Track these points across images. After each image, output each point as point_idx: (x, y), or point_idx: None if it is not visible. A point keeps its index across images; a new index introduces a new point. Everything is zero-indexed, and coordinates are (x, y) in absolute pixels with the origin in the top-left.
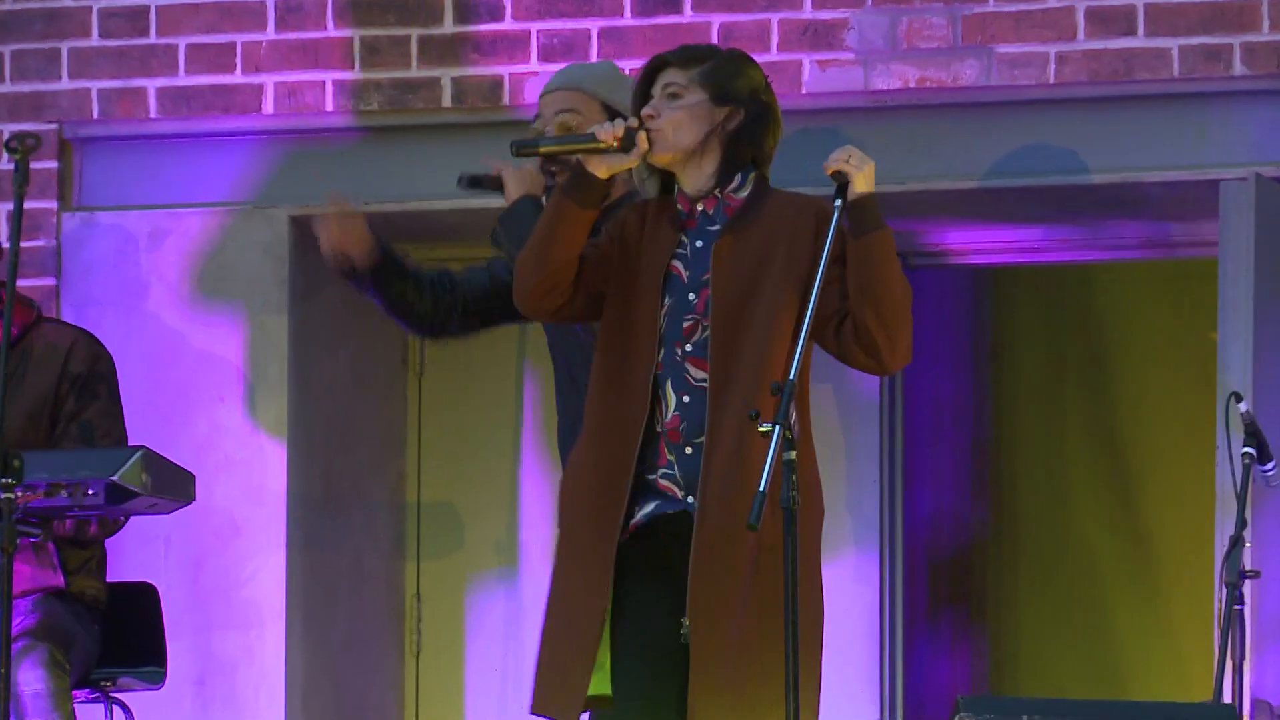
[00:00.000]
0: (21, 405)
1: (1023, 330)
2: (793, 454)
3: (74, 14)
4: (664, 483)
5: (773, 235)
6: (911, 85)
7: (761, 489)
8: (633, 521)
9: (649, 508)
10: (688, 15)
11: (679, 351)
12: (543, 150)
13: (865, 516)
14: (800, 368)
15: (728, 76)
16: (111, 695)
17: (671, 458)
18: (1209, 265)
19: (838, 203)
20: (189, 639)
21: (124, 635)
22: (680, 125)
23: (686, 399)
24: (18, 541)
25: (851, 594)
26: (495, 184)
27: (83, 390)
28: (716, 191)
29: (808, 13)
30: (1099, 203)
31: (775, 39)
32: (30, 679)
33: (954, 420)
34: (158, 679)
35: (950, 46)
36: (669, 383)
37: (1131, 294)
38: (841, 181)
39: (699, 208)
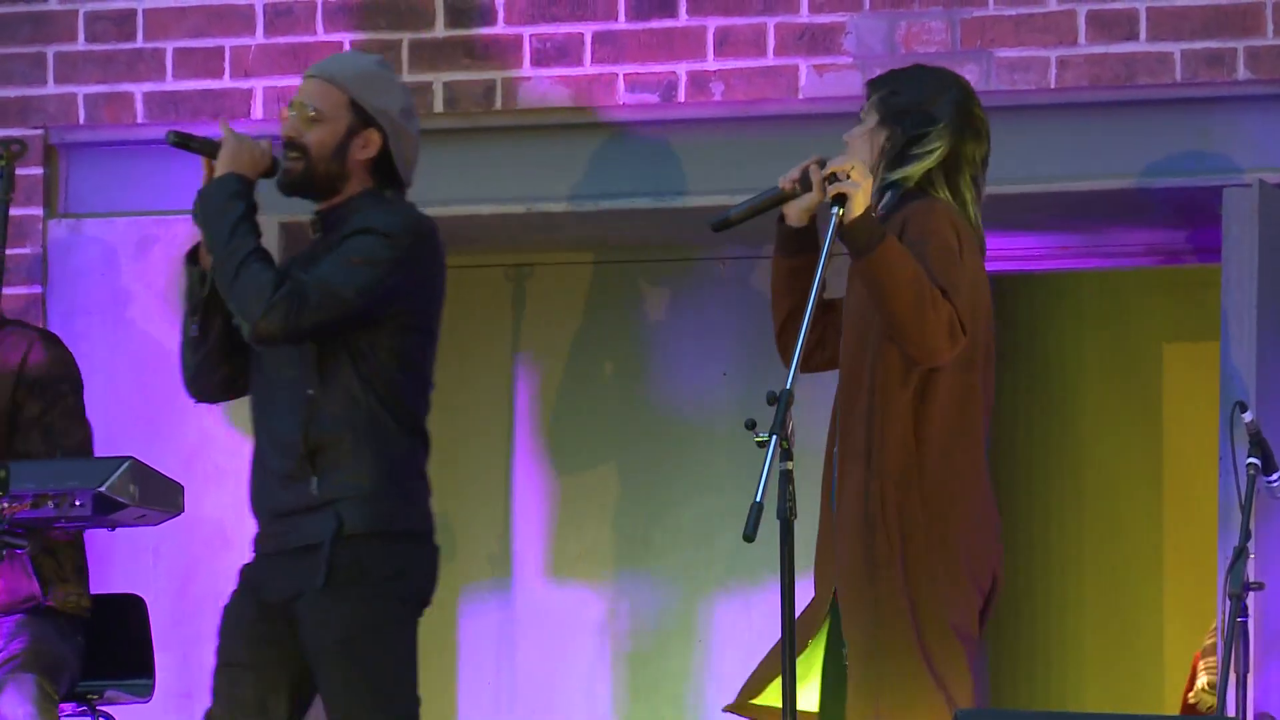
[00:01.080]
0: None
1: (1024, 339)
2: (789, 464)
3: (60, 18)
4: None
5: None
6: None
7: (757, 500)
8: None
9: None
10: (683, 19)
11: None
12: (735, 219)
13: None
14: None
15: (894, 96)
16: (98, 708)
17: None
18: (1213, 272)
19: (835, 211)
20: (177, 652)
21: (111, 647)
22: (851, 150)
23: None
24: (2, 553)
25: None
26: (207, 148)
27: (44, 393)
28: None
29: (805, 17)
30: (1101, 209)
31: (772, 43)
32: (18, 715)
33: None
34: (145, 692)
35: (949, 51)
36: None
37: (1135, 302)
38: (839, 198)
39: None
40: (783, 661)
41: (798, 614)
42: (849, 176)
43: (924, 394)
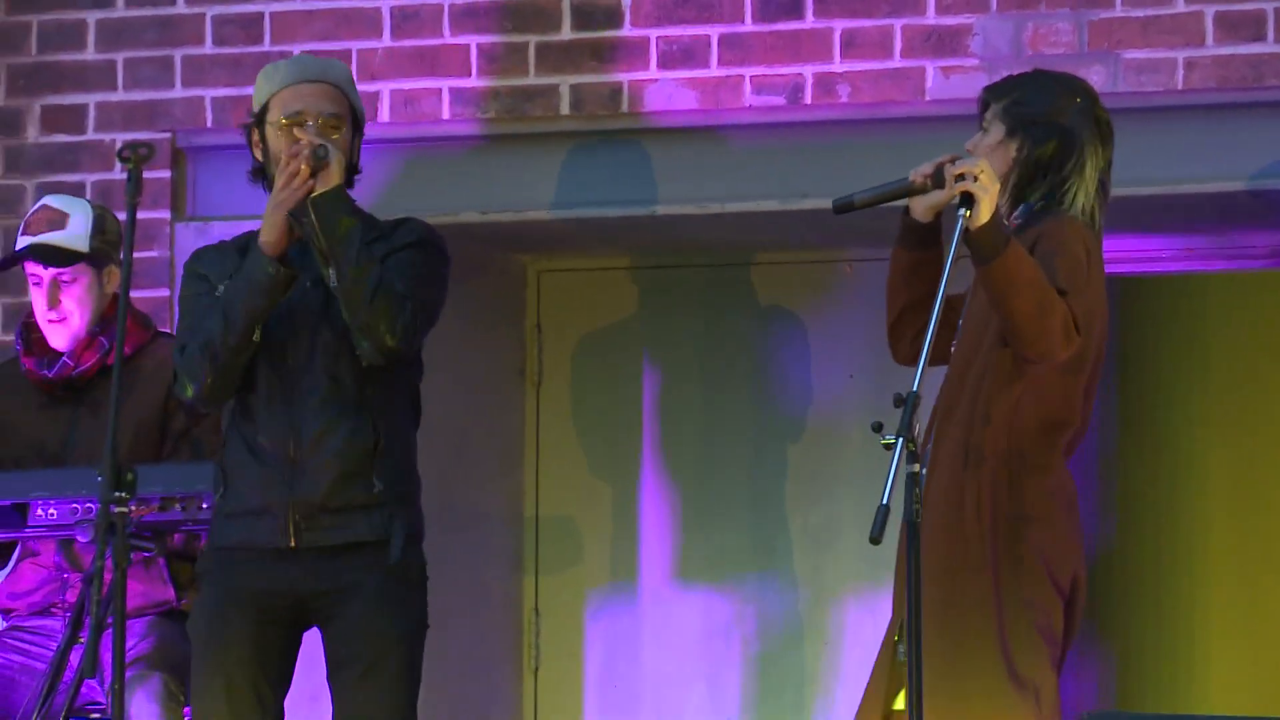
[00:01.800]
0: (129, 422)
1: (1149, 341)
2: (915, 467)
3: (187, 21)
4: None
5: None
6: None
7: (883, 502)
8: None
9: None
10: (809, 21)
11: None
12: (859, 204)
13: None
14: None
15: (1019, 106)
16: None
17: None
18: None
19: (961, 213)
20: (299, 656)
21: None
22: (984, 158)
23: None
24: (130, 557)
25: None
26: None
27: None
28: (1005, 224)
29: (931, 19)
30: (1227, 211)
31: (899, 45)
32: (144, 713)
33: None
34: None
35: (1076, 52)
36: None
37: (1261, 304)
38: (966, 199)
39: None
40: (909, 663)
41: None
42: (978, 179)
43: (1025, 399)
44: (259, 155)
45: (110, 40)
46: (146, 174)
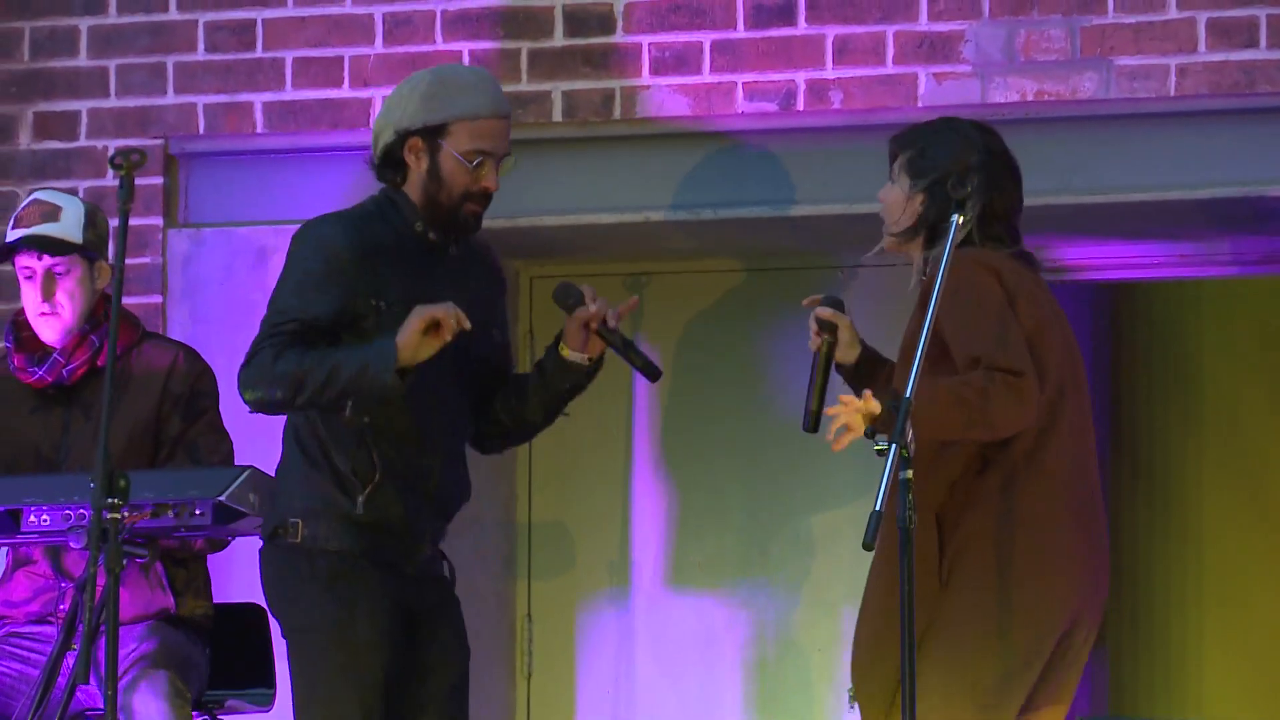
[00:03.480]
0: (122, 428)
1: (1141, 347)
2: (909, 473)
3: (180, 28)
4: None
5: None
6: (1029, 98)
7: (877, 508)
8: None
9: None
10: (802, 28)
11: None
12: (816, 410)
13: None
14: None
15: (922, 159)
16: (219, 718)
17: None
18: None
19: (955, 219)
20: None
21: (232, 657)
22: (889, 213)
23: None
24: (124, 562)
25: None
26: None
27: (187, 410)
28: (923, 275)
29: (924, 25)
30: (1220, 218)
31: (891, 51)
32: (151, 710)
33: None
34: (266, 701)
35: (1069, 59)
36: None
37: (1253, 310)
38: (959, 206)
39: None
40: (902, 669)
41: None
42: (834, 331)
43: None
44: (415, 160)
45: (102, 47)
46: (138, 180)
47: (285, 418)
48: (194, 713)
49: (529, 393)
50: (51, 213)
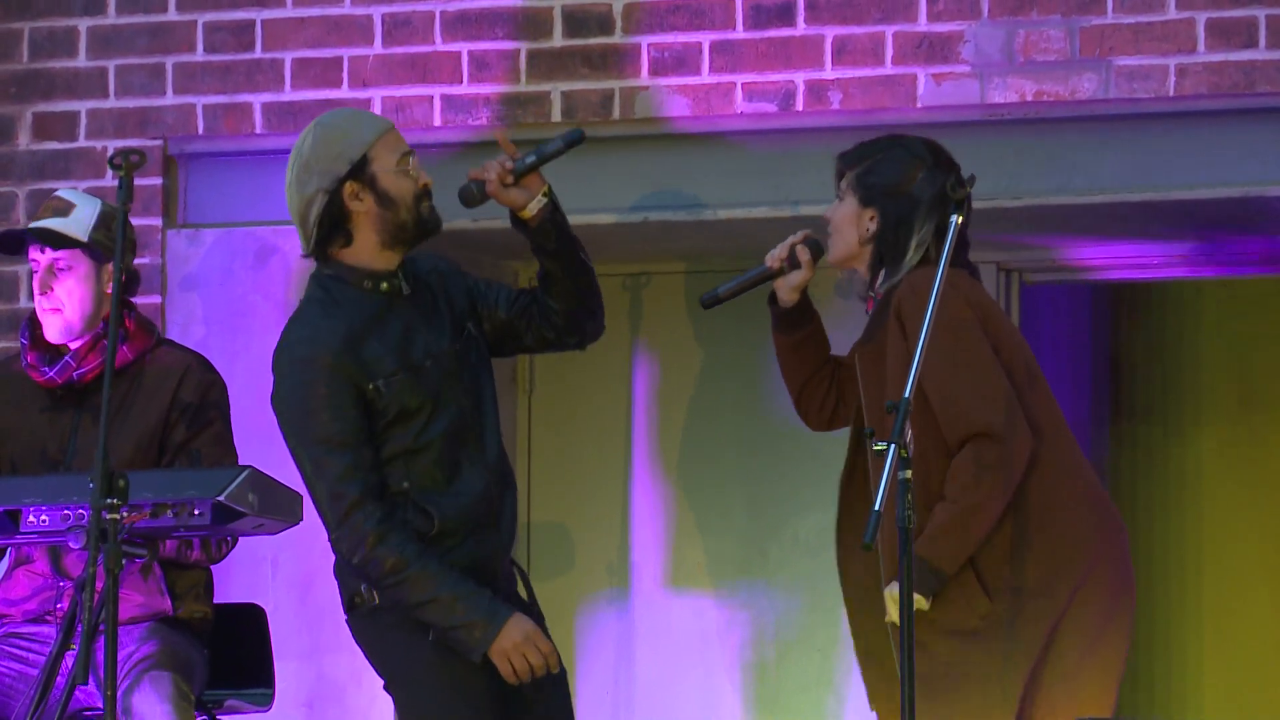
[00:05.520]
0: (130, 433)
1: (1141, 348)
2: (908, 473)
3: (179, 29)
4: None
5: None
6: (1028, 98)
7: (876, 508)
8: None
9: None
10: (801, 29)
11: None
12: (724, 296)
13: None
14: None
15: (870, 176)
16: (218, 718)
17: None
18: None
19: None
20: (297, 661)
21: (231, 657)
22: (838, 231)
23: None
24: (123, 563)
25: None
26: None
27: (194, 419)
28: (871, 292)
29: (923, 25)
30: (1219, 217)
31: (890, 52)
32: (155, 712)
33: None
34: (265, 701)
35: (1068, 59)
36: None
37: (1253, 310)
38: (959, 206)
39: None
40: (900, 668)
41: None
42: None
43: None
44: (359, 203)
45: (102, 47)
46: (137, 181)
47: None
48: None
49: (549, 279)
50: (63, 208)
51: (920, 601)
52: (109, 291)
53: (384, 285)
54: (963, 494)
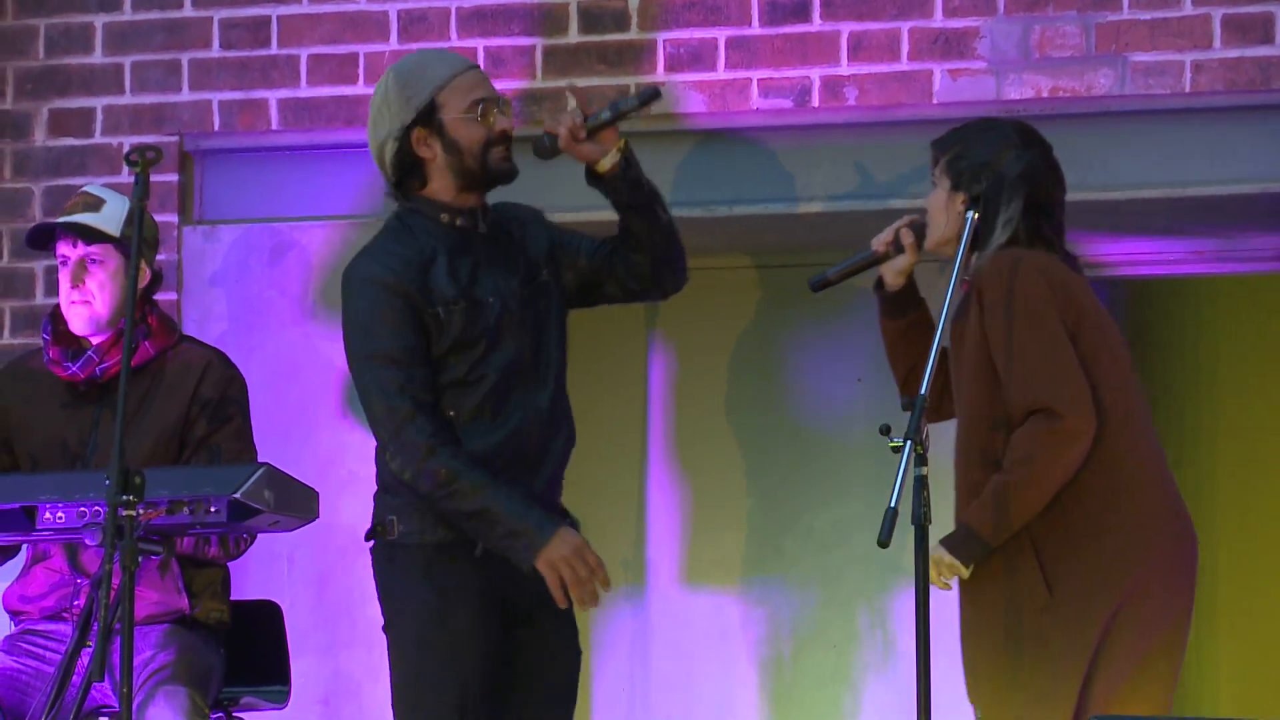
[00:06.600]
0: (151, 429)
1: (1156, 343)
2: (924, 470)
3: (194, 25)
4: None
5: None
6: (1044, 95)
7: (891, 505)
8: None
9: None
10: (816, 24)
11: None
12: (833, 279)
13: None
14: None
15: (960, 160)
16: (234, 715)
17: None
18: None
19: (970, 215)
20: (313, 658)
21: (247, 654)
22: (933, 217)
23: None
24: (139, 560)
25: None
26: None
27: (214, 415)
28: (965, 275)
29: (939, 21)
30: (1235, 213)
31: (906, 48)
32: None
33: None
34: (281, 698)
35: (1084, 55)
36: None
37: (1268, 306)
38: (974, 203)
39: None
40: (917, 667)
41: None
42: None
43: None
44: (428, 149)
45: (117, 44)
46: (154, 178)
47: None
48: (210, 711)
49: (628, 233)
50: (94, 204)
51: (959, 568)
52: (140, 286)
53: (459, 221)
54: (1015, 467)
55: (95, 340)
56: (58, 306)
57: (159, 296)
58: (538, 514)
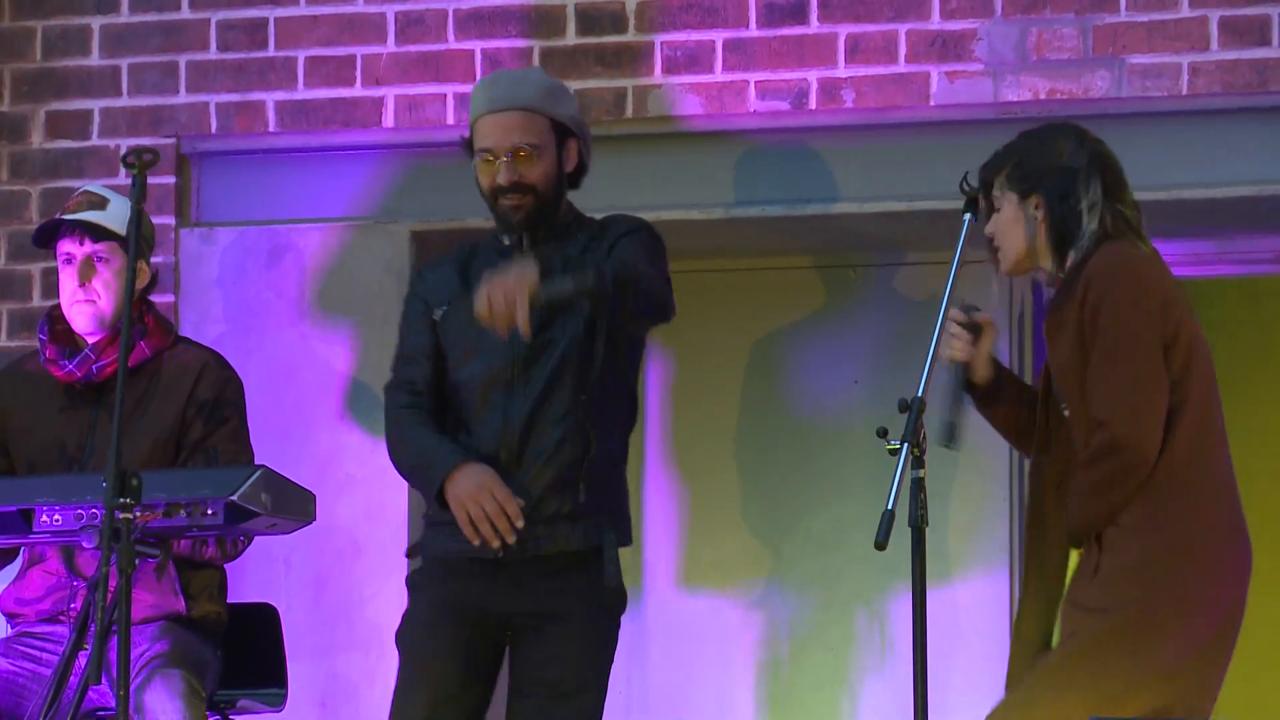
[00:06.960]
0: (148, 431)
1: None
2: (920, 472)
3: (192, 27)
4: None
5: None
6: (1041, 97)
7: (888, 508)
8: None
9: None
10: (814, 26)
11: None
12: (958, 422)
13: (995, 537)
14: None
15: (1023, 167)
16: (231, 718)
17: None
18: None
19: (967, 218)
20: (310, 661)
21: (244, 657)
22: (1004, 236)
23: None
24: (136, 563)
25: (981, 615)
26: None
27: (210, 416)
28: (1060, 274)
29: (936, 24)
30: (1231, 216)
31: (903, 50)
32: (166, 708)
33: None
34: (278, 701)
35: (1081, 57)
36: None
37: (1265, 309)
38: (970, 205)
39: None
40: (914, 669)
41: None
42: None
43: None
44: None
45: (114, 46)
46: (151, 180)
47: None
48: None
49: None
50: (99, 202)
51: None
52: (139, 286)
53: (506, 240)
54: (1085, 473)
55: (94, 339)
56: (55, 307)
57: (156, 298)
58: (449, 448)
